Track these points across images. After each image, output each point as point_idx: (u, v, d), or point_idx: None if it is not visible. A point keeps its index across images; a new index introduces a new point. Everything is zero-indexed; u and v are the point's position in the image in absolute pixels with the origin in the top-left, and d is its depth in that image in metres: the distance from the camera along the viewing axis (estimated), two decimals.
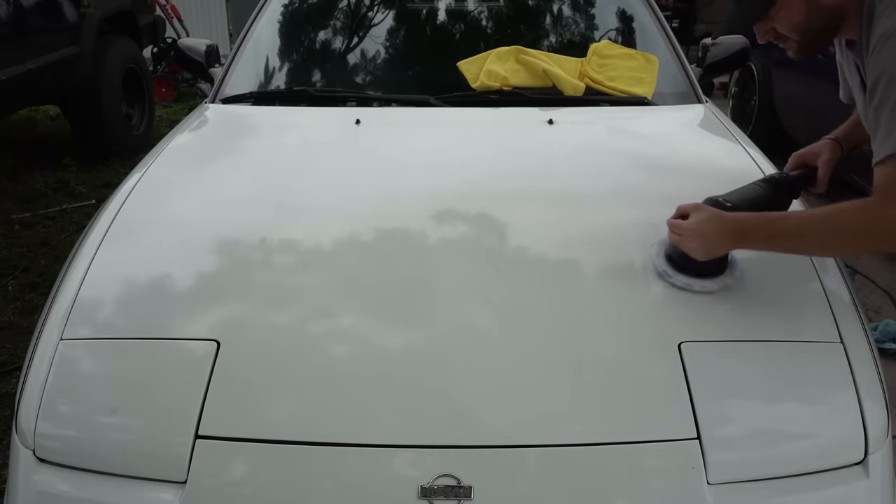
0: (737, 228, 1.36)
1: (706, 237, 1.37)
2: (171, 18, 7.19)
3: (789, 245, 1.37)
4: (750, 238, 1.37)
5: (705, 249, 1.38)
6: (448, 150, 1.98)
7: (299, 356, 1.32)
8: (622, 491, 1.18)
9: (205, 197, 1.78)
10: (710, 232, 1.37)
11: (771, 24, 1.40)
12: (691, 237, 1.38)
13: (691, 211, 1.40)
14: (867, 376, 1.30)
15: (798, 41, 1.42)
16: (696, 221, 1.38)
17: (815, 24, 1.37)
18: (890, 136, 1.23)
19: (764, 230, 1.36)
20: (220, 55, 2.82)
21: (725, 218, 1.37)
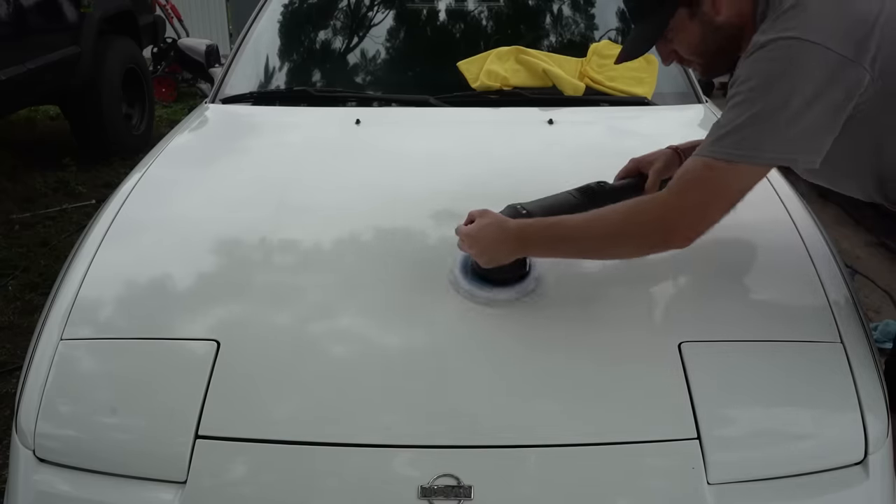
0: (518, 234, 1.32)
1: (487, 243, 1.33)
2: (171, 18, 7.19)
3: (571, 248, 1.34)
4: (532, 244, 1.33)
5: (488, 256, 1.34)
6: (448, 150, 1.98)
7: (299, 356, 1.32)
8: (622, 491, 1.18)
9: (205, 197, 1.78)
10: (490, 238, 1.33)
11: (671, 47, 1.39)
12: (471, 243, 1.35)
13: (477, 217, 1.37)
14: (867, 376, 1.30)
15: (700, 63, 1.41)
16: (478, 227, 1.34)
17: (713, 46, 1.34)
18: (725, 138, 1.20)
19: (544, 234, 1.32)
20: (220, 55, 2.83)
21: (508, 224, 1.33)
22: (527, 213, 1.39)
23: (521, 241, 1.33)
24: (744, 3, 1.29)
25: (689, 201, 1.23)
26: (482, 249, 1.34)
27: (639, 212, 1.27)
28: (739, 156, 1.19)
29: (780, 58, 1.17)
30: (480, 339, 1.34)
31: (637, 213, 1.27)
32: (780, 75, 1.16)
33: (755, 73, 1.19)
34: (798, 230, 1.60)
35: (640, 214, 1.26)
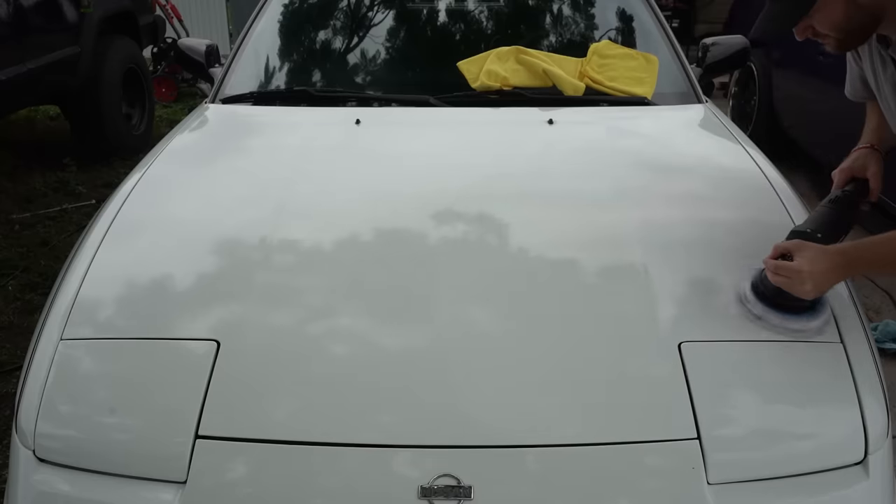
0: (842, 261, 1.34)
1: (818, 276, 1.33)
2: (171, 18, 7.18)
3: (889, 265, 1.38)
4: (856, 267, 1.39)
5: (818, 289, 1.35)
6: (448, 150, 1.98)
7: (299, 356, 1.32)
8: (622, 491, 1.18)
9: (205, 197, 1.78)
10: (820, 270, 1.33)
11: (809, 22, 1.39)
12: (803, 279, 1.33)
13: (794, 251, 1.36)
14: (867, 376, 1.30)
15: (837, 38, 1.40)
16: (807, 261, 1.33)
17: (855, 23, 1.36)
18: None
19: (868, 257, 1.37)
20: (220, 55, 2.82)
21: (830, 252, 1.35)
22: (822, 236, 1.39)
23: (845, 268, 1.36)
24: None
25: None
26: (815, 284, 1.33)
27: None
28: None
29: None
30: (480, 340, 1.34)
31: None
32: None
33: None
34: None
35: None
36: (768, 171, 1.86)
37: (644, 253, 1.51)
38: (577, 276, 1.50)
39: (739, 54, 2.60)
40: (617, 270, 1.50)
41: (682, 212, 1.68)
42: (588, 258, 1.53)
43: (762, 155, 1.97)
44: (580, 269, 1.52)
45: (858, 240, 1.39)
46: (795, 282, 1.33)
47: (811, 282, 1.33)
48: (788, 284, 1.34)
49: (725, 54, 2.60)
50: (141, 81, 5.56)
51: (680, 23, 8.09)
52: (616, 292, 1.45)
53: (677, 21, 8.04)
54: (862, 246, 1.37)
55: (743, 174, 1.85)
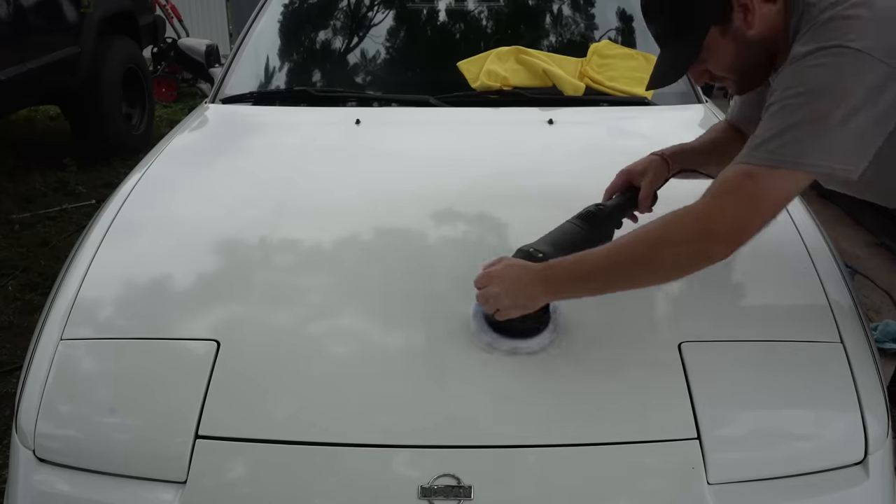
0: (545, 276, 1.24)
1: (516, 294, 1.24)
2: (171, 18, 7.19)
3: (604, 281, 1.23)
4: (560, 284, 1.24)
5: (521, 306, 1.25)
6: (448, 150, 1.99)
7: (299, 356, 1.32)
8: (622, 491, 1.18)
9: (205, 197, 1.78)
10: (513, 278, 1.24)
11: (703, 67, 1.34)
12: (499, 298, 1.25)
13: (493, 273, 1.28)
14: (867, 376, 1.30)
15: (735, 80, 1.36)
16: (501, 268, 1.27)
17: (748, 61, 1.31)
18: (765, 144, 1.16)
19: (573, 271, 1.23)
20: (220, 55, 2.83)
21: (531, 267, 1.25)
22: (543, 255, 1.29)
23: (547, 283, 1.24)
24: (776, 17, 1.26)
25: (728, 208, 1.17)
26: (515, 301, 1.24)
27: (675, 226, 1.19)
28: (779, 161, 1.15)
29: (826, 64, 1.14)
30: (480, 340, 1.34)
31: (673, 227, 1.19)
32: (827, 82, 1.14)
33: (799, 81, 1.16)
34: (798, 230, 1.60)
35: (678, 229, 1.19)
36: None
37: None
38: None
39: None
40: None
41: None
42: None
43: None
44: None
45: (568, 256, 1.26)
46: (495, 305, 1.25)
47: (509, 302, 1.24)
48: (490, 309, 1.26)
49: None
50: (141, 81, 5.56)
51: None
52: (616, 292, 1.44)
53: None
54: (568, 262, 1.24)
55: None
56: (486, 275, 1.29)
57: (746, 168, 1.18)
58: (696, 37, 1.29)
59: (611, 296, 1.43)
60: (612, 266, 1.22)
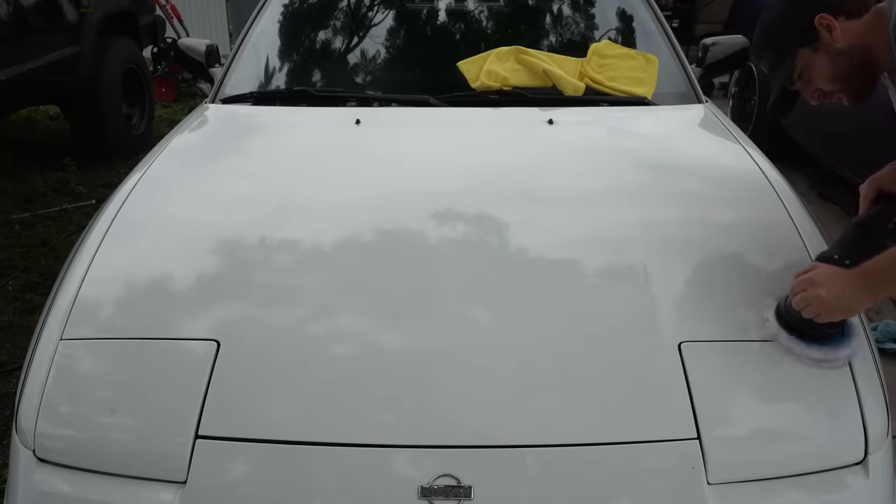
0: (864, 279, 1.29)
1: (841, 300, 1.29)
2: (171, 18, 7.18)
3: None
4: (880, 283, 1.30)
5: (847, 311, 1.32)
6: (448, 150, 1.98)
7: (299, 356, 1.32)
8: (622, 491, 1.18)
9: (205, 197, 1.78)
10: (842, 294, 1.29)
11: (814, 87, 1.46)
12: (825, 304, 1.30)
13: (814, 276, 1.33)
14: (867, 376, 1.30)
15: (843, 90, 1.45)
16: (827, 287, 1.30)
17: (846, 69, 1.41)
18: None
19: (886, 274, 1.29)
20: (220, 55, 2.82)
21: (851, 274, 1.30)
22: (849, 262, 1.32)
23: (866, 285, 1.29)
24: (863, 28, 1.39)
25: None
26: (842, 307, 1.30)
27: None
28: None
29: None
30: (480, 340, 1.34)
31: None
32: None
33: None
34: (798, 230, 1.60)
35: None
36: (768, 171, 1.86)
37: (644, 253, 1.51)
38: (577, 275, 1.50)
39: (739, 54, 2.60)
40: (617, 270, 1.50)
41: (682, 212, 1.68)
42: (588, 258, 1.53)
43: (762, 155, 1.97)
44: (580, 268, 1.52)
45: (882, 255, 1.29)
46: (819, 308, 1.30)
47: (835, 305, 1.29)
48: (813, 312, 1.30)
49: (725, 54, 2.60)
50: (141, 81, 5.55)
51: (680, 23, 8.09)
52: (616, 292, 1.45)
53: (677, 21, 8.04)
54: (876, 262, 1.29)
55: (743, 174, 1.85)
56: (805, 279, 1.33)
57: None
58: (789, 61, 1.45)
59: (611, 296, 1.44)
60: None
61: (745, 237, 1.62)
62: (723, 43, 2.63)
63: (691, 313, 1.40)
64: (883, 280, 1.29)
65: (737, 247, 1.59)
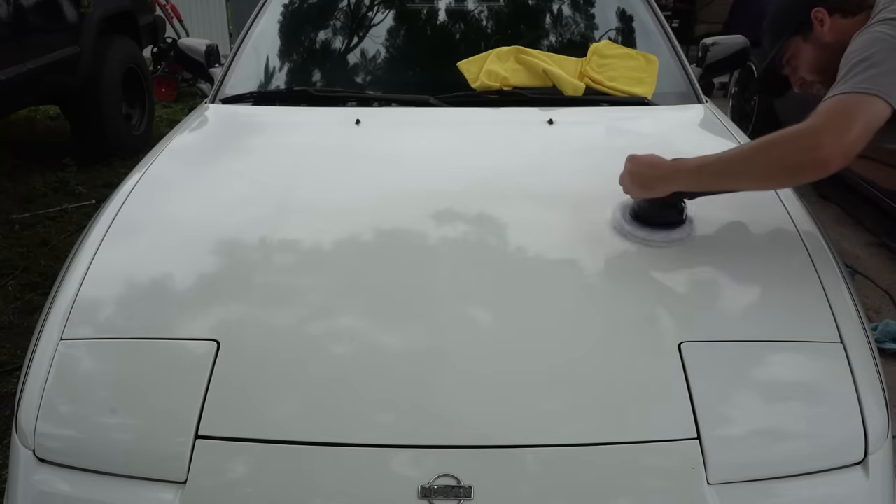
0: (670, 166, 1.49)
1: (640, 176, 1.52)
2: (171, 18, 7.18)
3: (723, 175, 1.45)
4: (685, 173, 1.47)
5: (640, 181, 1.52)
6: (448, 150, 1.98)
7: (299, 356, 1.32)
8: (622, 491, 1.18)
9: (205, 197, 1.78)
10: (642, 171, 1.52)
11: (798, 75, 1.64)
12: (626, 174, 1.54)
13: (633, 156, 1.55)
14: (867, 376, 1.30)
15: (821, 81, 1.58)
16: (635, 160, 1.54)
17: (826, 63, 1.53)
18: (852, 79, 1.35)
19: (693, 165, 1.46)
20: (220, 55, 2.82)
21: (661, 160, 1.51)
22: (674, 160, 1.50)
23: (672, 170, 1.48)
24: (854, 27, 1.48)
25: (829, 121, 1.33)
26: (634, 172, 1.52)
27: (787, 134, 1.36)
28: (868, 89, 1.33)
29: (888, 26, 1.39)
30: (480, 340, 1.34)
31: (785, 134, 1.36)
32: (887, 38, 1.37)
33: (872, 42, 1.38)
34: (798, 230, 1.60)
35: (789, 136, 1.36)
36: None
37: (644, 253, 1.51)
38: (576, 275, 1.50)
39: (739, 54, 2.60)
40: (617, 270, 1.50)
41: None
42: (588, 258, 1.53)
43: None
44: (580, 268, 1.52)
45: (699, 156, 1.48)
46: (624, 183, 1.55)
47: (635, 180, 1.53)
48: (623, 186, 1.55)
49: (725, 54, 2.60)
50: (141, 81, 5.56)
51: (680, 23, 8.10)
52: (616, 292, 1.45)
53: (677, 21, 8.05)
54: (695, 158, 1.47)
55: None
56: (627, 157, 1.56)
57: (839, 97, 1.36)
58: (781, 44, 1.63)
59: (611, 296, 1.44)
60: (727, 161, 1.44)
61: (745, 237, 1.62)
62: (723, 43, 2.63)
63: (691, 313, 1.40)
64: (685, 175, 1.47)
65: (737, 247, 1.59)
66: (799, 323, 1.39)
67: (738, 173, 1.43)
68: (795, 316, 1.40)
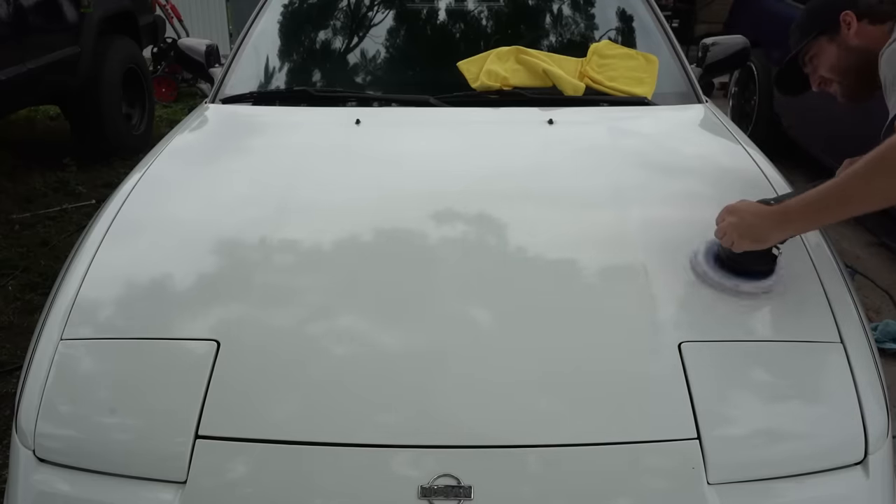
0: (779, 211, 1.39)
1: (750, 228, 1.39)
2: (171, 18, 7.18)
3: (838, 206, 1.36)
4: (795, 215, 1.38)
5: (753, 240, 1.39)
6: (448, 150, 1.98)
7: (299, 356, 1.32)
8: (622, 491, 1.18)
9: (205, 197, 1.78)
10: (752, 223, 1.39)
11: (818, 73, 1.68)
12: (734, 230, 1.40)
13: (731, 209, 1.44)
14: (867, 376, 1.30)
15: (839, 82, 1.65)
16: (738, 215, 1.41)
17: (847, 65, 1.61)
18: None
19: (806, 201, 1.37)
20: (220, 55, 2.82)
21: (767, 207, 1.41)
22: (774, 201, 1.43)
23: (783, 215, 1.38)
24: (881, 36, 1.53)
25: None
26: (742, 225, 1.40)
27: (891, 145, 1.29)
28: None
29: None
30: (480, 340, 1.34)
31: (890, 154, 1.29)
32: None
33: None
34: None
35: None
36: (768, 171, 1.86)
37: (644, 253, 1.51)
38: (577, 275, 1.50)
39: (739, 54, 2.60)
40: (617, 270, 1.50)
41: (682, 211, 1.68)
42: (588, 258, 1.53)
43: (762, 155, 1.97)
44: (580, 268, 1.52)
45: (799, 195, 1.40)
46: (731, 235, 1.41)
47: (745, 232, 1.39)
48: (728, 240, 1.42)
49: (725, 54, 2.60)
50: (141, 81, 5.55)
51: (680, 23, 8.09)
52: (616, 292, 1.45)
53: (677, 21, 8.04)
54: (801, 196, 1.38)
55: (743, 174, 1.85)
56: (725, 209, 1.46)
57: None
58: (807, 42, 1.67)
59: (611, 296, 1.44)
60: (843, 188, 1.35)
61: None
62: (723, 43, 2.63)
63: (691, 313, 1.40)
64: (797, 215, 1.38)
65: None
66: (799, 323, 1.39)
67: (859, 199, 1.35)
68: (795, 316, 1.40)
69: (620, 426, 1.22)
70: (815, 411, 1.28)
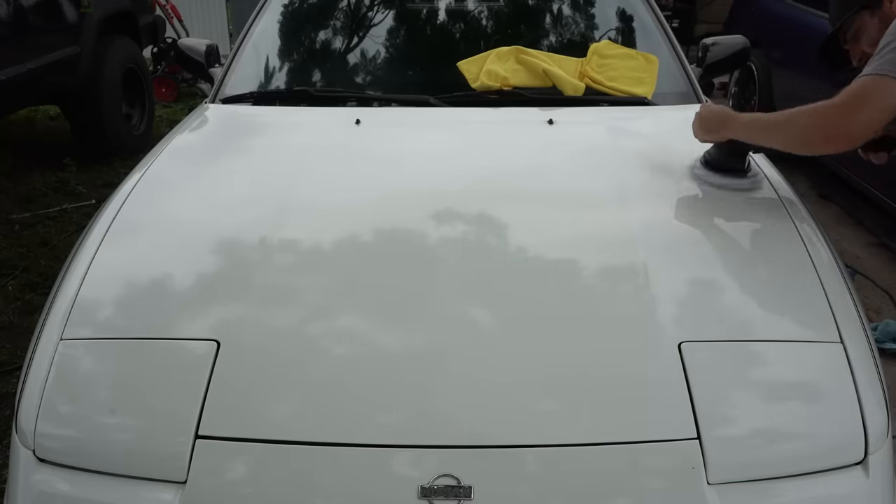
0: (725, 113, 1.75)
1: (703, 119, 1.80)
2: (171, 18, 7.17)
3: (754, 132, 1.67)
4: (734, 125, 1.70)
5: (703, 127, 1.79)
6: (448, 150, 1.99)
7: (299, 356, 1.32)
8: (622, 491, 1.18)
9: (205, 197, 1.78)
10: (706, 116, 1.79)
11: (859, 47, 1.70)
12: (695, 120, 1.81)
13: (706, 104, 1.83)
14: (867, 376, 1.30)
15: None
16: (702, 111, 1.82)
17: None
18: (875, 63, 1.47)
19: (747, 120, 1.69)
20: (220, 55, 2.82)
21: (718, 108, 1.80)
22: None
23: (726, 117, 1.73)
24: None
25: (849, 99, 1.47)
26: (699, 119, 1.81)
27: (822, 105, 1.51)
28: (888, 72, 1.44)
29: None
30: (480, 340, 1.34)
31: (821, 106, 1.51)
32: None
33: None
34: (798, 230, 1.60)
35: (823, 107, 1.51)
36: (768, 171, 1.86)
37: (644, 253, 1.51)
38: (577, 275, 1.51)
39: (739, 54, 2.60)
40: (617, 270, 1.50)
41: (682, 211, 1.68)
42: (588, 258, 1.53)
43: (762, 155, 1.96)
44: (580, 268, 1.52)
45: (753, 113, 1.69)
46: (693, 127, 1.82)
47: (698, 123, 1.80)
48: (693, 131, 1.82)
49: (725, 54, 2.60)
50: (141, 81, 5.55)
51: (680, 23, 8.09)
52: (616, 292, 1.45)
53: (677, 21, 8.04)
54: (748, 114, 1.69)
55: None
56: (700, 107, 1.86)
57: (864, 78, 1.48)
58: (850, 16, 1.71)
59: (611, 296, 1.44)
60: (772, 120, 1.64)
61: (745, 237, 1.62)
62: (723, 43, 2.63)
63: (691, 313, 1.40)
64: (735, 123, 1.70)
65: (737, 246, 1.59)
66: (799, 323, 1.39)
67: (778, 132, 1.60)
68: (795, 316, 1.40)
69: (620, 426, 1.22)
70: (815, 411, 1.28)
